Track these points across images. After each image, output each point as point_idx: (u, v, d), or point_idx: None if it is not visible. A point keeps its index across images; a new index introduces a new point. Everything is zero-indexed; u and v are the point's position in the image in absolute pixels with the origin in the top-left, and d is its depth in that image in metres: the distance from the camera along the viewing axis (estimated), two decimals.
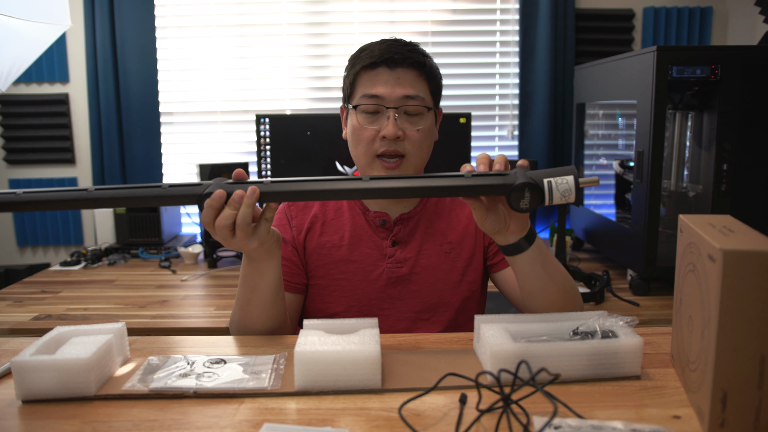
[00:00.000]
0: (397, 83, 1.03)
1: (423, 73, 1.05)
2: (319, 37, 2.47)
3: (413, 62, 1.04)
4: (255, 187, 0.81)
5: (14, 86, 2.42)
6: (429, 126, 1.07)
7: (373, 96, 1.03)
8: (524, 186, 0.78)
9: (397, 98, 1.03)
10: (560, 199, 0.78)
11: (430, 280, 1.11)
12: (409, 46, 1.06)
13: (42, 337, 0.79)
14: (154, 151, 2.48)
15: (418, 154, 1.06)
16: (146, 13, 2.38)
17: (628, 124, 2.10)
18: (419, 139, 1.05)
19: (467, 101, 2.53)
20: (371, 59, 1.03)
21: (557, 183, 0.78)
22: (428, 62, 1.07)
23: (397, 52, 1.03)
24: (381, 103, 1.03)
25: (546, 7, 2.36)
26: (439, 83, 1.12)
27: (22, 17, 1.84)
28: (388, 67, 1.03)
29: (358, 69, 1.06)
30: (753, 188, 1.65)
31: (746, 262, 0.58)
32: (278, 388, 0.74)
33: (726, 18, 2.47)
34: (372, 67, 1.04)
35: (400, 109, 1.03)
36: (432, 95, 1.08)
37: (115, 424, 0.67)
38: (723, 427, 0.61)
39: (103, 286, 1.89)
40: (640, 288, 1.72)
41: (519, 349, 0.73)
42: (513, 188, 0.78)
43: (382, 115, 1.04)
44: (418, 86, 1.05)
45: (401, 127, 1.03)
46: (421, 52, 1.07)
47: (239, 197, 0.82)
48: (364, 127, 1.05)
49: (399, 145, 1.04)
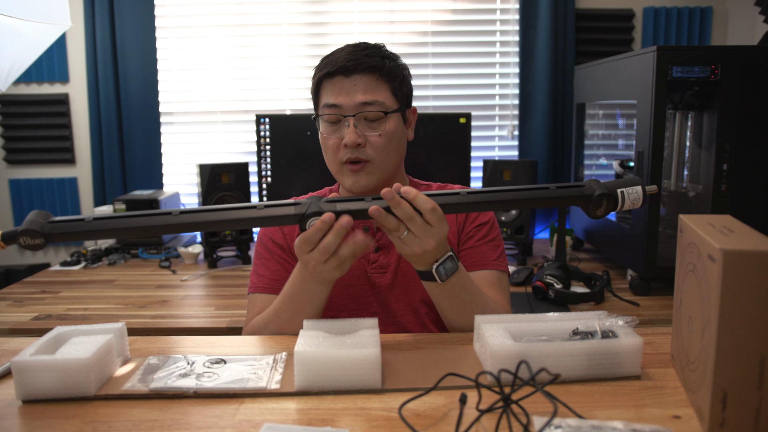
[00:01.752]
0: (354, 90, 1.03)
1: (381, 76, 1.04)
2: (319, 37, 2.47)
3: (368, 67, 1.03)
4: (350, 217, 0.84)
5: (14, 86, 2.42)
6: (392, 129, 1.05)
7: (333, 105, 1.04)
8: (602, 196, 0.87)
9: (353, 105, 1.02)
10: (630, 205, 0.88)
11: (413, 285, 1.10)
12: (368, 50, 1.05)
13: (42, 337, 0.79)
14: (154, 151, 2.48)
15: (382, 158, 1.05)
16: (146, 13, 2.38)
17: (628, 124, 2.10)
18: (382, 143, 1.04)
19: (467, 101, 2.53)
20: (328, 68, 1.04)
21: (628, 192, 0.87)
22: (387, 64, 1.05)
23: (352, 59, 1.03)
24: (340, 111, 1.03)
25: (546, 7, 2.36)
26: (404, 83, 1.09)
27: (22, 17, 1.84)
28: (344, 75, 1.03)
29: (318, 78, 1.07)
30: (753, 188, 1.65)
31: (746, 262, 0.58)
32: (278, 388, 0.74)
33: (726, 18, 2.47)
34: (329, 76, 1.04)
35: (359, 116, 1.03)
36: (395, 96, 1.07)
37: (115, 424, 0.67)
38: (723, 427, 0.61)
39: (103, 286, 1.89)
40: (640, 288, 1.72)
41: (519, 349, 0.73)
42: (592, 198, 0.87)
43: (343, 123, 1.04)
44: (376, 91, 1.04)
45: (362, 133, 1.03)
46: (381, 54, 1.06)
47: (346, 223, 0.83)
48: (328, 137, 1.06)
49: (361, 152, 1.03)
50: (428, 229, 0.85)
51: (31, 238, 0.81)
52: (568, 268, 1.76)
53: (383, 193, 0.83)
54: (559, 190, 0.88)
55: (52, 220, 0.83)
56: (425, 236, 0.85)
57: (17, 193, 2.51)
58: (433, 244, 0.85)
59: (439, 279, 0.90)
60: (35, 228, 0.81)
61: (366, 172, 1.05)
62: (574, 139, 2.31)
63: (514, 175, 2.09)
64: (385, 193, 0.83)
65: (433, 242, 0.85)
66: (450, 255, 0.90)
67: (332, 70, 1.03)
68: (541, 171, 2.43)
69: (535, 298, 1.69)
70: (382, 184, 1.09)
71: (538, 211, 2.44)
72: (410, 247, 0.86)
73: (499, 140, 2.57)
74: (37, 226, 0.81)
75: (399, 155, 1.09)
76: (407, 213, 0.84)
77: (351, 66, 1.02)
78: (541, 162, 2.43)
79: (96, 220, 0.84)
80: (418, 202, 0.84)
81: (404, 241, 0.86)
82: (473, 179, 2.16)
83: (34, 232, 0.81)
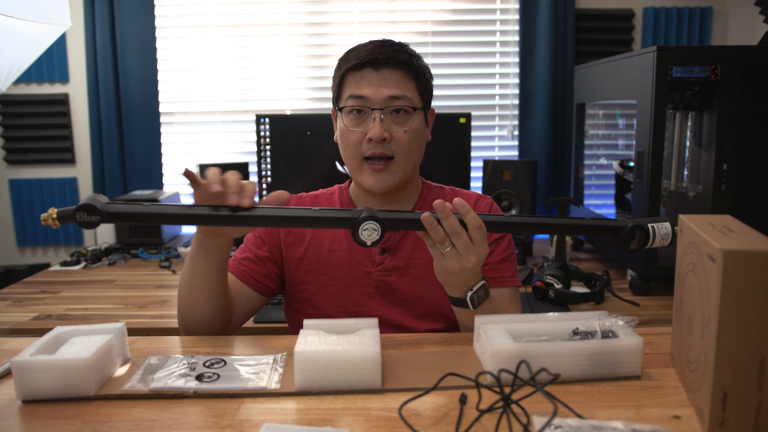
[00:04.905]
0: (382, 84, 1.02)
1: (409, 72, 1.04)
2: (319, 37, 2.47)
3: (398, 62, 1.03)
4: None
5: (14, 86, 2.42)
6: (417, 127, 1.05)
7: (359, 97, 1.03)
8: (635, 229, 0.89)
9: (382, 99, 1.02)
10: (660, 242, 0.90)
11: (420, 290, 1.09)
12: (396, 47, 1.05)
13: (42, 337, 0.79)
14: (154, 151, 2.48)
15: (406, 155, 1.05)
16: (146, 13, 2.38)
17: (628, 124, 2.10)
18: (407, 140, 1.04)
19: (467, 101, 2.53)
20: (356, 60, 1.03)
21: (659, 228, 0.90)
22: (415, 62, 1.06)
23: (382, 52, 1.02)
24: (366, 104, 1.02)
25: (546, 7, 2.36)
26: (428, 83, 1.10)
27: (22, 17, 1.84)
28: (373, 68, 1.02)
29: (344, 71, 1.05)
30: (753, 188, 1.65)
31: (746, 262, 0.58)
32: (278, 388, 0.74)
33: (726, 18, 2.47)
34: (357, 68, 1.03)
35: (386, 110, 1.02)
36: (420, 95, 1.07)
37: (115, 424, 0.67)
38: (723, 427, 0.61)
39: (103, 286, 1.89)
40: (640, 288, 1.72)
41: (519, 349, 0.73)
42: (626, 231, 0.89)
43: (369, 116, 1.03)
44: (404, 86, 1.04)
45: (388, 128, 1.02)
46: (408, 52, 1.06)
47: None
48: (351, 130, 1.04)
49: (386, 147, 1.03)
50: (471, 246, 0.86)
51: (88, 215, 0.81)
52: (568, 268, 1.76)
53: (435, 204, 0.84)
54: (595, 221, 0.92)
55: (110, 201, 0.83)
56: (467, 253, 0.85)
57: (17, 193, 2.51)
58: (474, 262, 0.86)
59: (472, 306, 0.91)
60: (95, 205, 0.81)
61: (390, 171, 1.04)
62: (574, 139, 2.31)
63: (514, 175, 2.09)
64: (437, 204, 0.84)
65: (474, 260, 0.86)
66: (483, 284, 0.91)
67: (362, 61, 1.02)
68: (541, 171, 2.43)
69: (535, 298, 1.69)
70: (401, 184, 1.09)
71: (538, 212, 2.44)
72: (450, 262, 0.86)
73: (499, 140, 2.56)
74: (97, 204, 0.81)
75: (419, 154, 1.09)
76: (454, 228, 0.85)
77: (382, 59, 1.02)
78: (541, 162, 2.43)
79: (153, 205, 0.84)
80: (469, 218, 0.85)
81: (445, 257, 0.86)
82: (473, 179, 2.16)
83: (92, 208, 0.81)
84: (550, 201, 2.14)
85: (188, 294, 0.97)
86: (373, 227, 0.85)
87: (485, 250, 0.87)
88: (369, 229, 0.85)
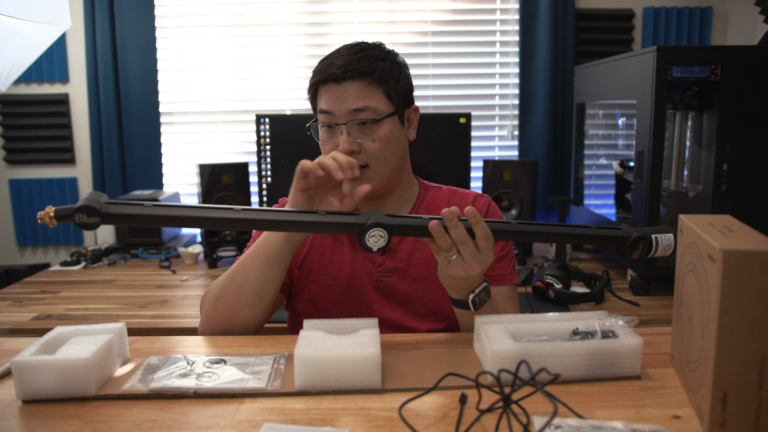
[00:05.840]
0: (344, 97, 1.01)
1: (373, 80, 1.02)
2: (319, 37, 2.47)
3: (358, 73, 1.01)
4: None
5: (14, 86, 2.41)
6: (387, 133, 1.04)
7: (326, 112, 1.03)
8: (639, 240, 0.90)
9: (345, 113, 1.01)
10: (662, 252, 0.91)
11: (420, 291, 1.09)
12: (361, 53, 1.03)
13: (42, 337, 0.79)
14: (154, 151, 2.47)
15: (380, 163, 1.04)
16: (146, 13, 2.38)
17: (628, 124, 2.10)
18: (377, 148, 1.03)
19: (467, 101, 2.53)
20: (319, 76, 1.03)
21: (662, 239, 0.90)
22: (380, 66, 1.03)
23: (341, 65, 1.01)
24: (332, 119, 1.02)
25: (546, 7, 2.36)
26: (400, 83, 1.07)
27: (22, 17, 1.84)
28: (335, 82, 1.02)
29: (313, 84, 1.06)
30: (753, 188, 1.65)
31: (746, 262, 0.58)
32: (278, 388, 0.74)
33: (726, 18, 2.47)
34: (323, 83, 1.03)
35: (350, 124, 1.02)
36: (390, 99, 1.04)
37: (115, 424, 0.67)
38: (723, 427, 0.61)
39: (103, 286, 1.89)
40: (640, 288, 1.72)
41: (519, 349, 0.73)
42: (630, 241, 0.90)
43: (337, 130, 1.03)
44: (368, 96, 1.02)
45: (357, 140, 1.02)
46: (375, 56, 1.04)
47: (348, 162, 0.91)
48: (324, 144, 1.06)
49: (358, 158, 1.02)
50: (477, 255, 0.86)
51: (87, 216, 0.78)
52: (568, 268, 1.76)
53: (443, 213, 0.84)
54: (599, 230, 0.93)
55: (110, 201, 0.80)
56: (473, 261, 0.85)
57: (17, 193, 2.51)
58: (479, 270, 0.86)
59: (473, 308, 0.91)
60: (94, 206, 0.78)
61: (365, 178, 1.04)
62: (574, 139, 2.30)
63: (514, 175, 2.09)
64: (445, 213, 0.84)
65: (479, 268, 0.86)
66: (485, 286, 0.91)
67: (323, 78, 1.03)
68: (541, 171, 2.43)
69: (535, 298, 1.69)
70: (384, 189, 1.09)
71: (538, 212, 2.44)
72: (455, 269, 0.86)
73: (499, 140, 2.56)
74: (96, 205, 0.78)
75: (398, 158, 1.08)
76: (461, 237, 0.85)
77: (340, 73, 1.01)
78: (541, 162, 2.43)
79: (155, 206, 0.81)
80: (479, 228, 0.85)
81: (451, 263, 0.86)
82: (473, 179, 2.16)
83: (91, 210, 0.78)
84: (550, 201, 2.14)
85: (261, 285, 0.98)
86: (380, 234, 0.84)
87: (491, 258, 0.87)
88: (376, 235, 0.84)
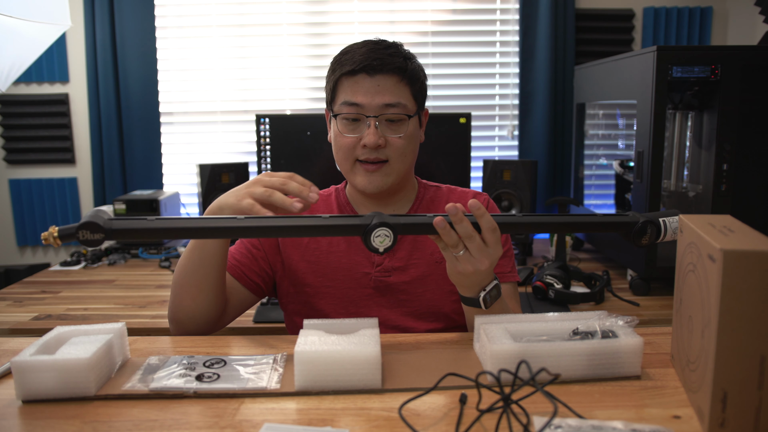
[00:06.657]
0: (377, 91, 1.01)
1: (404, 78, 1.03)
2: (319, 37, 2.47)
3: (393, 68, 1.02)
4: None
5: (14, 86, 2.41)
6: (412, 131, 1.05)
7: (353, 104, 1.02)
8: (647, 224, 0.88)
9: (377, 106, 1.01)
10: (671, 236, 0.89)
11: (419, 290, 1.09)
12: (391, 50, 1.04)
13: (42, 337, 0.79)
14: (154, 151, 2.48)
15: (400, 159, 1.05)
16: (146, 13, 2.38)
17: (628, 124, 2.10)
18: (402, 145, 1.04)
19: (467, 101, 2.53)
20: (351, 66, 1.02)
21: (670, 222, 0.88)
22: (410, 65, 1.04)
23: (377, 58, 1.01)
24: (361, 111, 1.02)
25: (546, 7, 2.36)
26: (423, 85, 1.09)
27: (22, 17, 1.84)
28: (367, 75, 1.01)
29: (338, 75, 1.04)
30: (753, 188, 1.65)
31: (746, 262, 0.58)
32: (278, 388, 0.74)
33: (726, 18, 2.47)
34: (351, 74, 1.02)
35: (381, 117, 1.02)
36: (415, 99, 1.06)
37: (115, 424, 0.67)
38: (723, 427, 0.61)
39: (103, 286, 1.89)
40: (640, 288, 1.72)
41: (519, 349, 0.73)
42: (638, 226, 0.88)
43: (363, 122, 1.03)
44: (399, 93, 1.03)
45: (383, 134, 1.02)
46: (403, 54, 1.05)
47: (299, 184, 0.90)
48: (345, 135, 1.04)
49: (381, 153, 1.03)
50: (484, 249, 0.85)
51: (91, 233, 0.79)
52: (568, 268, 1.76)
53: (448, 208, 0.83)
54: (606, 217, 0.92)
55: (113, 217, 0.82)
56: (480, 256, 0.85)
57: (17, 193, 2.51)
58: (487, 264, 0.85)
59: (484, 306, 0.90)
60: (98, 222, 0.79)
61: (383, 173, 1.04)
62: (574, 139, 2.30)
63: (514, 175, 2.09)
64: (450, 208, 0.83)
65: (488, 263, 0.85)
66: (496, 283, 0.91)
67: (356, 68, 1.01)
68: (541, 171, 2.43)
69: (535, 298, 1.69)
70: (394, 187, 1.09)
71: (538, 212, 2.44)
72: (463, 265, 0.86)
73: (499, 140, 2.56)
74: (99, 221, 0.79)
75: (414, 157, 1.09)
76: (467, 231, 0.84)
77: (377, 65, 1.00)
78: (541, 162, 2.43)
79: (158, 219, 0.82)
80: (484, 221, 0.84)
81: (458, 259, 0.86)
82: (473, 179, 2.16)
83: (95, 226, 0.79)
84: (550, 201, 2.14)
85: (192, 282, 0.97)
86: (385, 233, 0.84)
87: (499, 251, 0.86)
88: (381, 235, 0.84)
